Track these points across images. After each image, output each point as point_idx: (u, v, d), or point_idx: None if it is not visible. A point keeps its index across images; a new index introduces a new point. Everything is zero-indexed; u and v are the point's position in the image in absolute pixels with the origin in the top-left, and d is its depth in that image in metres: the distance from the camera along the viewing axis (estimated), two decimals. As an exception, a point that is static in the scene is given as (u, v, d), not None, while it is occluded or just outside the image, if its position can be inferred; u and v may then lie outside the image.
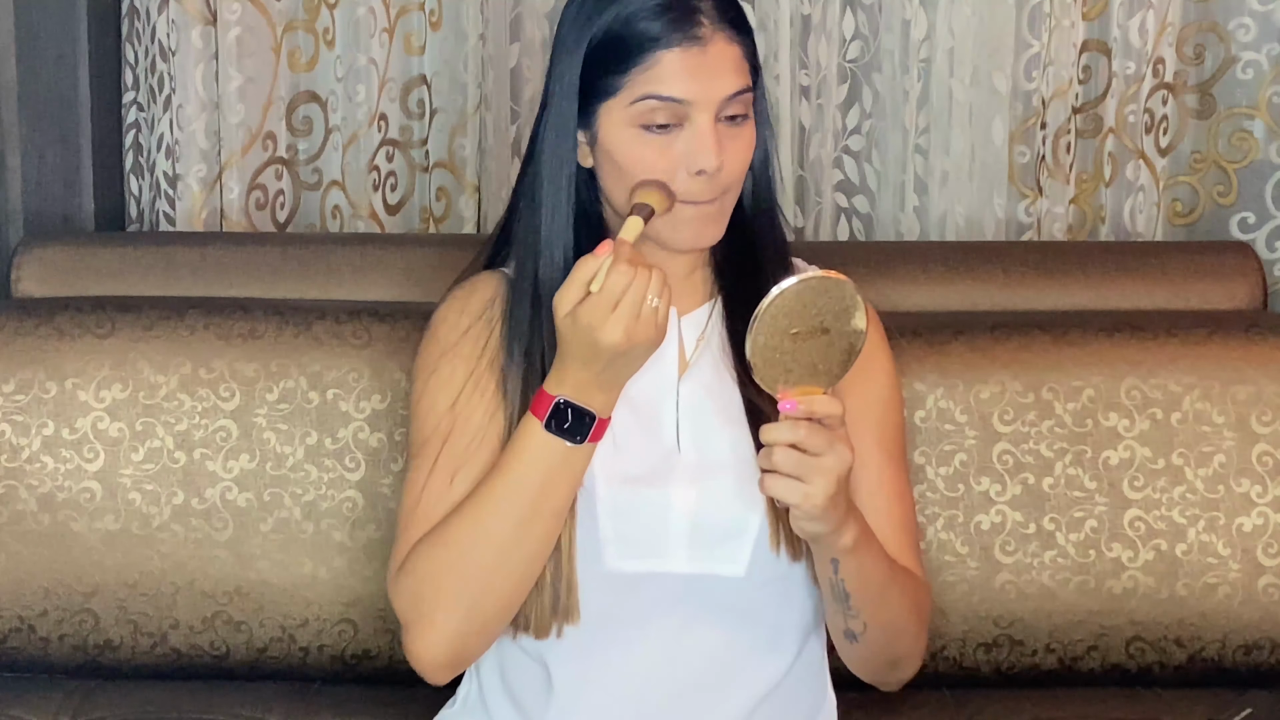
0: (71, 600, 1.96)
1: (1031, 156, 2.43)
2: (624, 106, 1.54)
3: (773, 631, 1.62)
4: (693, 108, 1.53)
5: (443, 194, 2.51)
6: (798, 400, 1.45)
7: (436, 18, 2.45)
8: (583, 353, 1.48)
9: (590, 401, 1.51)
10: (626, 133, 1.55)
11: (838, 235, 2.48)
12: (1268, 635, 1.97)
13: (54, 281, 2.14)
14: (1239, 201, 2.48)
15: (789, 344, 1.44)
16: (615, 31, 1.54)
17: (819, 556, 1.55)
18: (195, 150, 2.33)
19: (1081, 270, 2.17)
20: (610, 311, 1.45)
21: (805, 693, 1.67)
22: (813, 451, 1.44)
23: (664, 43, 1.53)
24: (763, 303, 1.43)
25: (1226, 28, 2.45)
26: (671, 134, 1.54)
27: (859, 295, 1.45)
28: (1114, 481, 1.98)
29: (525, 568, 1.55)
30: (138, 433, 1.97)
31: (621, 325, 1.45)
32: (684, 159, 1.54)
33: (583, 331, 1.46)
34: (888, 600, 1.59)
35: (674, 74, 1.53)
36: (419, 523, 1.59)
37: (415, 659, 1.57)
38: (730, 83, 1.54)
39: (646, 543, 1.56)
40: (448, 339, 1.65)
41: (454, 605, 1.54)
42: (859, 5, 2.43)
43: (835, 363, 1.46)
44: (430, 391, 1.64)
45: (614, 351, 1.47)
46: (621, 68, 1.54)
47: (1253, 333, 2.03)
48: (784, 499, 1.45)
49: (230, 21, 2.31)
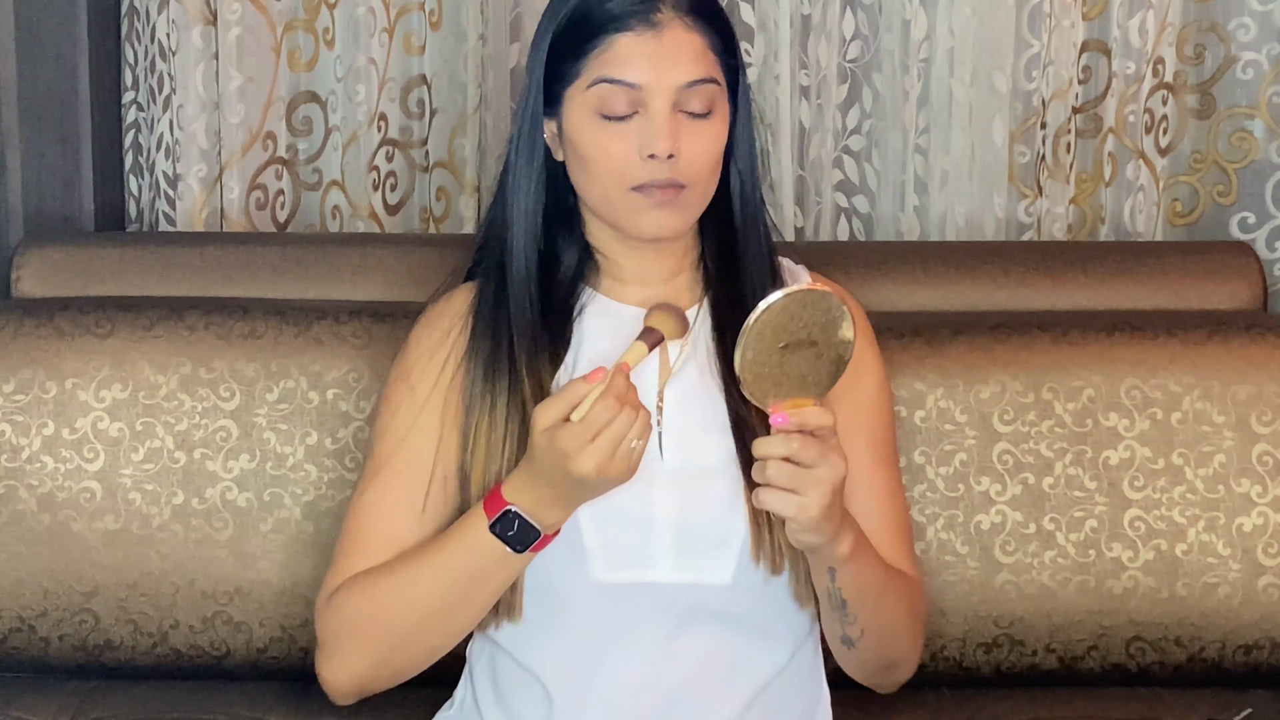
0: (71, 600, 1.96)
1: (1031, 156, 2.43)
2: (582, 91, 1.55)
3: (763, 636, 1.62)
4: (648, 93, 1.54)
5: (443, 194, 2.51)
6: (789, 413, 1.44)
7: (436, 18, 2.45)
8: (549, 473, 1.47)
9: (542, 518, 1.51)
10: (586, 120, 1.56)
11: (838, 235, 2.48)
12: (1268, 635, 1.97)
13: (54, 281, 2.13)
14: (1239, 201, 2.48)
15: (777, 357, 1.44)
16: (577, 17, 1.56)
17: (815, 566, 1.55)
18: (195, 150, 2.33)
19: (1081, 270, 2.17)
20: (587, 443, 1.44)
21: (798, 695, 1.67)
22: (806, 463, 1.44)
23: (618, 25, 1.54)
24: (749, 319, 1.42)
25: (1226, 28, 2.45)
26: (629, 123, 1.55)
27: (845, 306, 1.45)
28: (1114, 481, 1.98)
29: (444, 640, 1.60)
30: (138, 433, 1.97)
31: (595, 460, 1.44)
32: (638, 146, 1.54)
33: (555, 454, 1.45)
34: (884, 605, 1.59)
35: (628, 57, 1.54)
36: (358, 548, 1.61)
37: (322, 681, 1.64)
38: (687, 71, 1.54)
39: (631, 553, 1.56)
40: (414, 360, 1.66)
41: (367, 654, 1.60)
42: (859, 5, 2.43)
43: (824, 374, 1.46)
44: (390, 412, 1.65)
45: (581, 481, 1.46)
46: (579, 51, 1.55)
47: (1253, 333, 2.03)
48: (779, 512, 1.45)
49: (230, 21, 2.31)
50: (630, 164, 1.55)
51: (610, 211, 1.60)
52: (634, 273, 1.65)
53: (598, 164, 1.57)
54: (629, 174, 1.55)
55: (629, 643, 1.59)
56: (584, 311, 1.65)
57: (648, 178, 1.55)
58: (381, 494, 1.63)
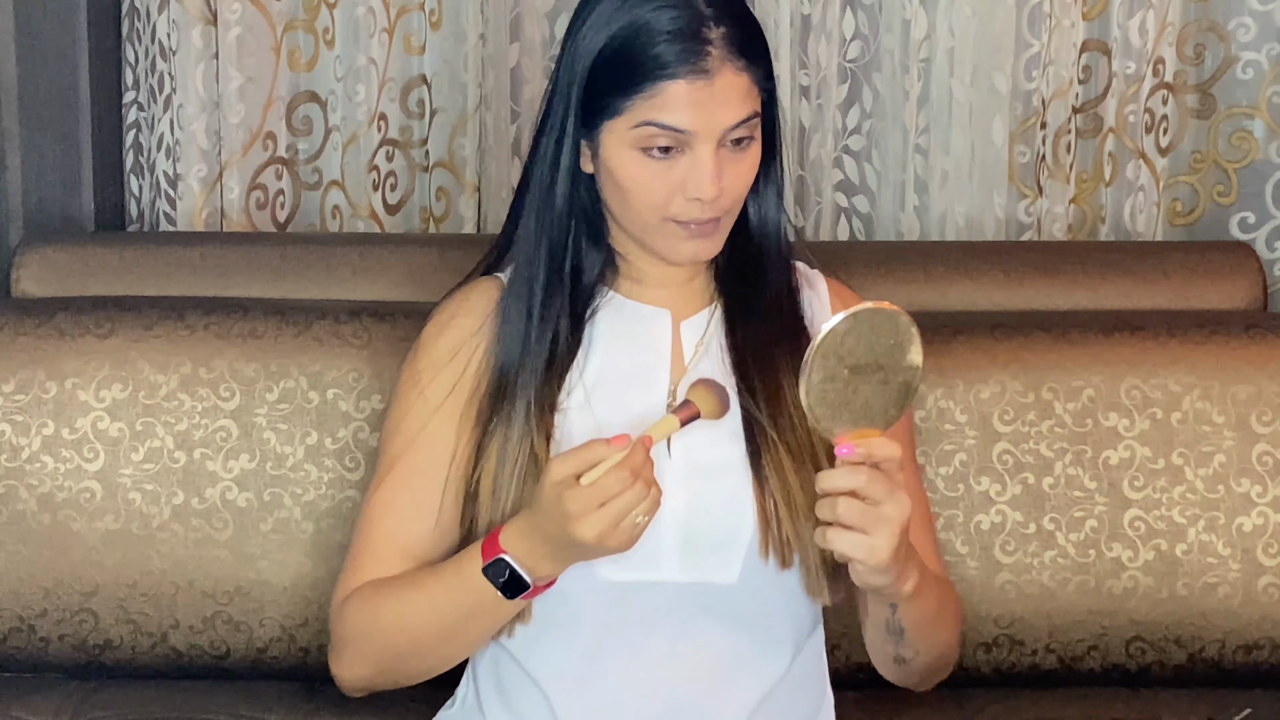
0: (71, 600, 1.96)
1: (1031, 156, 2.43)
2: (626, 129, 1.53)
3: (768, 636, 1.62)
4: (695, 137, 1.52)
5: (443, 194, 2.51)
6: (854, 444, 1.39)
7: (436, 18, 2.45)
8: (549, 527, 1.46)
9: (535, 569, 1.50)
10: (627, 154, 1.54)
11: (838, 235, 2.48)
12: (1268, 635, 1.97)
13: (54, 281, 2.14)
14: (1239, 201, 2.48)
15: (842, 384, 1.37)
16: (624, 50, 1.52)
17: (877, 601, 1.52)
18: (195, 150, 2.33)
19: (1081, 270, 2.17)
20: (594, 509, 1.42)
21: (803, 695, 1.67)
22: (873, 499, 1.39)
23: (670, 73, 1.50)
24: (814, 341, 1.35)
25: (1226, 28, 2.45)
26: (672, 158, 1.53)
27: (913, 328, 1.38)
28: (1114, 481, 1.98)
29: (441, 663, 1.63)
30: (138, 433, 1.97)
31: (597, 528, 1.42)
32: (682, 185, 1.53)
33: (559, 512, 1.43)
34: (940, 627, 1.59)
35: (678, 105, 1.51)
36: (368, 554, 1.63)
37: (334, 676, 1.67)
38: (735, 113, 1.52)
39: (639, 552, 1.55)
40: (428, 358, 1.65)
41: (369, 663, 1.63)
42: (859, 5, 2.43)
43: (891, 402, 1.39)
44: (403, 411, 1.65)
45: (579, 544, 1.44)
46: (626, 91, 1.52)
47: (1253, 333, 2.03)
48: (848, 555, 1.40)
49: (230, 21, 2.31)
50: (672, 200, 1.54)
51: (644, 235, 1.59)
52: (654, 277, 1.65)
53: (635, 196, 1.55)
54: (669, 208, 1.54)
55: (633, 643, 1.59)
56: (599, 310, 1.65)
57: (689, 216, 1.54)
58: (391, 499, 1.63)
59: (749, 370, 1.60)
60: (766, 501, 1.56)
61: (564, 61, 1.58)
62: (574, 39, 1.57)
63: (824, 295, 1.70)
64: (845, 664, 1.92)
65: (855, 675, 1.95)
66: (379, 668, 1.63)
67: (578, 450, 1.44)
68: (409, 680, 1.65)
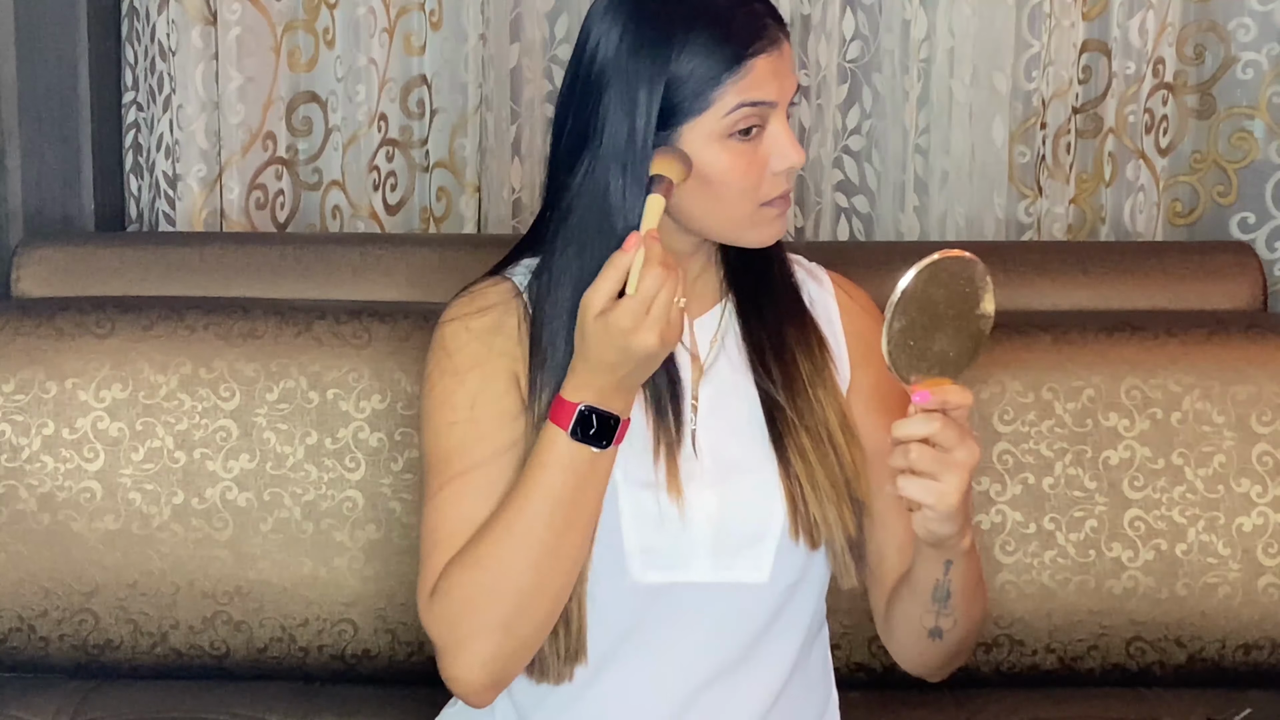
0: (71, 600, 1.96)
1: (1031, 156, 2.43)
2: (718, 119, 1.51)
3: (785, 633, 1.62)
4: (773, 110, 1.52)
5: (443, 194, 2.51)
6: (930, 391, 1.41)
7: (436, 18, 2.45)
8: (612, 356, 1.45)
9: (613, 406, 1.48)
10: (717, 147, 1.52)
11: (838, 235, 2.49)
12: (1268, 635, 1.97)
13: (54, 281, 2.14)
14: (1239, 201, 2.48)
15: (920, 332, 1.40)
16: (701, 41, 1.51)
17: (931, 559, 1.52)
18: (195, 150, 2.33)
19: (1081, 270, 2.17)
20: (645, 315, 1.42)
21: (813, 692, 1.67)
22: (945, 446, 1.40)
23: (754, 49, 1.50)
24: (898, 287, 1.38)
25: (1226, 28, 2.45)
26: (754, 138, 1.52)
27: (988, 276, 1.40)
28: (1114, 481, 1.98)
29: (561, 581, 1.52)
30: (138, 433, 1.97)
31: (656, 330, 1.43)
32: (769, 160, 1.53)
33: (616, 335, 1.43)
34: (979, 595, 1.59)
35: (765, 79, 1.51)
36: (444, 546, 1.55)
37: (454, 682, 1.53)
38: (795, 79, 1.55)
39: (669, 553, 1.54)
40: (457, 352, 1.61)
41: (491, 628, 1.51)
42: (859, 5, 2.43)
43: (964, 351, 1.42)
44: (441, 408, 1.60)
45: (646, 355, 1.44)
46: (715, 81, 1.50)
47: (1253, 333, 2.03)
48: (920, 499, 1.42)
49: (230, 21, 2.31)
50: (763, 180, 1.53)
51: (734, 228, 1.57)
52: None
53: (730, 187, 1.53)
54: (762, 190, 1.54)
55: (656, 643, 1.59)
56: None
57: (779, 191, 1.54)
58: (452, 487, 1.57)
59: (767, 358, 1.61)
60: (792, 484, 1.56)
61: (625, 83, 1.54)
62: (616, 49, 1.53)
63: (829, 287, 1.70)
64: (846, 663, 1.93)
65: (855, 675, 1.96)
66: (500, 628, 1.51)
67: (601, 277, 1.44)
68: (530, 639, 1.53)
